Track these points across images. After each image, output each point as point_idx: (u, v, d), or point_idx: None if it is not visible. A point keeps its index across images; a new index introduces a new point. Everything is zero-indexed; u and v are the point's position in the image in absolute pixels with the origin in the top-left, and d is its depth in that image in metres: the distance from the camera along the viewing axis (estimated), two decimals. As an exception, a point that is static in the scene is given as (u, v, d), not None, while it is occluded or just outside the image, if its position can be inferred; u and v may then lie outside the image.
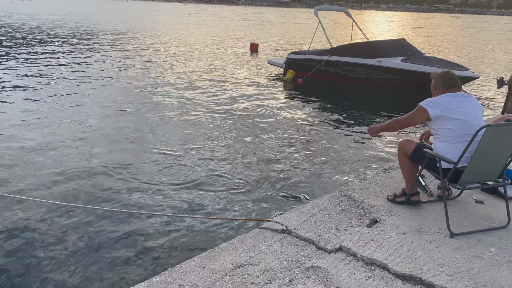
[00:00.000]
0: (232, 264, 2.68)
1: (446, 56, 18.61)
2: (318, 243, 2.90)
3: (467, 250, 2.83)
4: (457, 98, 3.15)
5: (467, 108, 3.11)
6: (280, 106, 9.92)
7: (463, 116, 3.06)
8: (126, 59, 15.90)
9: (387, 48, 12.00)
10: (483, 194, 3.72)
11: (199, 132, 7.52)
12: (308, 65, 12.86)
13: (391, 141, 7.59)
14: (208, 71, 14.16)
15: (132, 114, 8.43)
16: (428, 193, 3.69)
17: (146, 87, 11.09)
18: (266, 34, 31.35)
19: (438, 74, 3.31)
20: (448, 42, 29.82)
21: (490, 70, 16.69)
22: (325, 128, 8.28)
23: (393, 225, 3.14)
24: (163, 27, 33.64)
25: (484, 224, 3.18)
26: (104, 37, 23.90)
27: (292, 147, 6.96)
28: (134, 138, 7.03)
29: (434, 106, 3.13)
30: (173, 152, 6.44)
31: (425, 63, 11.10)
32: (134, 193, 5.04)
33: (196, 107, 9.36)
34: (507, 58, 20.60)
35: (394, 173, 4.15)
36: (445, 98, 3.16)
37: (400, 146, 3.45)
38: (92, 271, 3.62)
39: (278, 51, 20.77)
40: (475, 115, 3.11)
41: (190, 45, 21.63)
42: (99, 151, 6.36)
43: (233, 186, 5.36)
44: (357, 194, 3.66)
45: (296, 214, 3.33)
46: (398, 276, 2.56)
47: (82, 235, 4.14)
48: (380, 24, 52.26)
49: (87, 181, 5.32)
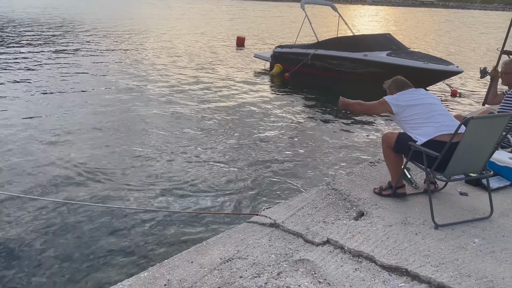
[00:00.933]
0: (221, 258, 2.68)
1: (430, 51, 18.81)
2: (306, 236, 2.92)
3: (451, 241, 2.88)
4: (411, 91, 3.46)
5: (421, 94, 3.40)
6: (267, 101, 9.92)
7: (423, 100, 3.33)
8: (108, 54, 15.62)
9: (373, 42, 12.07)
10: (467, 186, 3.79)
11: (185, 128, 7.47)
12: (294, 59, 12.86)
13: (378, 135, 7.66)
14: (193, 66, 14.05)
15: (116, 111, 8.31)
16: (414, 185, 3.74)
17: (130, 83, 10.92)
18: (252, 27, 31.24)
19: (389, 82, 3.64)
20: (432, 37, 30.14)
21: (473, 64, 16.93)
22: (312, 122, 8.32)
23: (380, 218, 3.18)
24: (145, 20, 33.20)
25: (468, 216, 3.25)
26: (84, 31, 23.48)
27: (279, 142, 6.97)
28: (119, 134, 6.94)
29: (395, 99, 3.39)
30: (159, 148, 6.39)
31: (410, 57, 11.21)
32: (121, 189, 5.00)
33: (182, 102, 9.29)
34: (489, 53, 20.93)
35: (380, 166, 4.20)
36: (402, 93, 3.45)
37: (384, 139, 3.49)
38: (79, 268, 3.58)
39: (264, 44, 20.73)
40: (430, 96, 3.41)
41: (175, 39, 21.41)
42: (84, 148, 6.28)
43: (221, 180, 5.35)
44: (344, 187, 3.69)
45: (284, 207, 3.34)
46: (384, 267, 2.60)
47: (68, 231, 4.09)
48: (366, 19, 52.52)
49: (72, 177, 5.26)
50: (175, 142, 6.68)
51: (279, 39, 23.26)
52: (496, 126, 3.01)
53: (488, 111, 4.47)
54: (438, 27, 42.34)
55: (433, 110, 3.26)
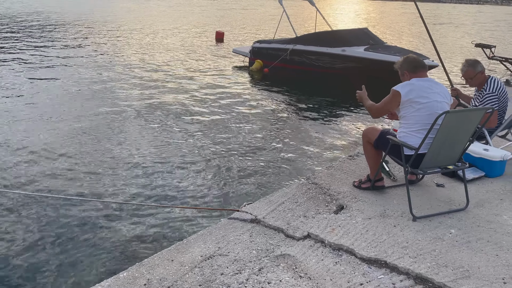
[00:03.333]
0: (201, 255, 2.66)
1: (406, 45, 19.08)
2: (287, 231, 2.92)
3: (428, 232, 2.94)
4: (427, 83, 3.17)
5: (435, 95, 3.14)
6: (246, 96, 9.89)
7: (429, 105, 3.11)
8: (84, 50, 15.30)
9: (351, 37, 12.16)
10: (444, 178, 3.86)
11: (164, 124, 7.39)
12: (273, 54, 12.85)
13: (356, 129, 7.74)
14: (171, 62, 13.88)
15: (94, 109, 8.16)
16: (392, 178, 3.79)
17: (106, 80, 10.70)
18: (231, 22, 31.05)
19: (401, 61, 3.34)
20: (407, 31, 30.58)
21: (448, 58, 17.27)
22: (291, 117, 8.34)
23: (359, 211, 3.21)
24: (121, 15, 32.57)
25: (444, 207, 3.31)
26: (60, 27, 22.91)
27: (259, 137, 6.97)
28: (99, 130, 6.82)
29: (406, 89, 3.14)
30: (138, 144, 6.31)
31: (387, 52, 11.34)
32: (98, 182, 4.92)
33: (160, 98, 9.18)
34: (464, 47, 21.39)
35: (359, 160, 4.24)
36: (416, 82, 3.17)
37: (365, 134, 3.52)
38: (56, 268, 3.50)
39: (244, 39, 20.64)
40: (441, 104, 3.15)
41: (152, 34, 21.10)
42: (60, 142, 6.14)
43: (201, 176, 5.31)
44: (324, 181, 3.72)
45: (264, 203, 3.34)
46: (364, 260, 2.63)
47: (42, 228, 3.99)
48: (343, 13, 52.90)
49: (47, 169, 5.16)
50: (153, 137, 6.60)
51: (257, 34, 23.20)
52: (471, 119, 3.07)
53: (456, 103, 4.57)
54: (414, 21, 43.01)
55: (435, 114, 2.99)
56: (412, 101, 3.13)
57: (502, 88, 4.17)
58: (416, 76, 3.24)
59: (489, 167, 3.86)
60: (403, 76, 3.33)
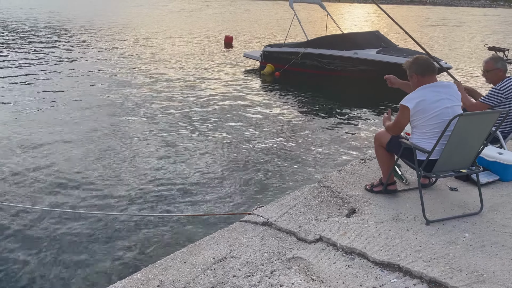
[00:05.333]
0: (214, 258, 2.67)
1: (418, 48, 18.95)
2: (299, 234, 2.92)
3: (442, 236, 2.91)
4: (434, 91, 3.11)
5: (444, 102, 3.08)
6: (258, 100, 9.92)
7: (440, 114, 3.05)
8: (95, 55, 15.51)
9: (362, 40, 12.12)
10: (457, 182, 3.83)
11: (176, 129, 7.44)
12: (284, 57, 12.87)
13: (368, 132, 7.70)
14: (182, 66, 13.98)
15: (104, 113, 8.25)
16: (405, 182, 3.77)
17: (118, 84, 10.84)
18: (240, 26, 31.19)
19: (410, 62, 3.26)
20: (420, 34, 30.37)
21: (462, 60, 17.11)
22: (303, 121, 8.33)
23: (371, 214, 3.19)
24: (132, 20, 32.96)
25: (458, 211, 3.28)
26: (70, 32, 23.27)
27: (271, 141, 6.98)
28: (106, 137, 6.84)
29: (412, 102, 3.10)
30: (149, 151, 6.36)
31: (399, 54, 11.27)
32: (111, 195, 4.92)
33: (172, 103, 9.26)
34: (477, 49, 21.17)
35: (371, 163, 4.22)
36: (421, 93, 3.11)
37: (377, 138, 3.51)
38: (73, 270, 3.56)
39: (253, 43, 20.71)
40: (452, 109, 3.09)
41: (162, 39, 21.30)
42: (71, 153, 6.21)
43: (213, 181, 5.34)
44: (335, 184, 3.71)
45: (276, 206, 3.35)
46: (377, 263, 2.62)
47: (58, 238, 4.05)
48: (354, 17, 52.77)
49: (60, 184, 5.16)
50: (165, 144, 6.64)
51: (269, 38, 23.26)
52: (485, 122, 3.04)
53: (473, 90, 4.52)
54: (427, 24, 42.69)
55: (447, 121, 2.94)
56: (422, 112, 3.08)
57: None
58: (424, 80, 3.17)
59: (503, 171, 3.81)
60: (411, 78, 3.26)
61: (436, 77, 3.23)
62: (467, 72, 14.63)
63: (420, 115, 3.11)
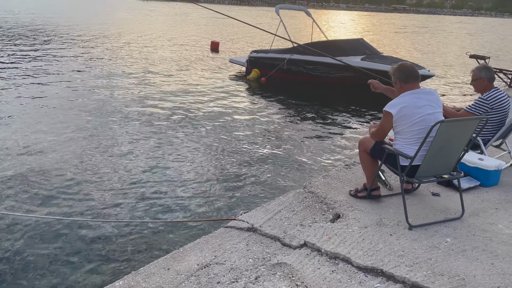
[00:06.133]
0: (198, 264, 2.65)
1: (402, 56, 19.25)
2: (283, 240, 2.92)
3: (424, 241, 2.95)
4: (416, 96, 3.18)
5: (426, 108, 3.14)
6: (243, 105, 9.93)
7: (422, 120, 3.12)
8: (82, 60, 15.34)
9: (347, 47, 12.26)
10: (439, 187, 3.88)
11: (161, 134, 7.39)
12: (270, 63, 12.93)
13: (352, 137, 7.77)
14: (168, 72, 13.92)
15: (85, 118, 8.12)
16: (388, 187, 3.81)
17: (102, 90, 10.70)
18: (227, 32, 31.25)
19: (394, 69, 3.35)
20: (403, 42, 30.87)
21: (444, 68, 17.44)
22: (288, 127, 8.37)
23: (355, 219, 3.22)
24: (118, 25, 32.74)
25: (440, 216, 3.33)
26: (58, 36, 22.99)
27: (256, 146, 6.99)
28: (89, 143, 6.71)
29: (395, 108, 3.16)
30: (133, 157, 6.29)
31: (383, 62, 11.42)
32: (93, 200, 4.85)
33: (157, 108, 9.20)
34: (459, 57, 21.61)
35: (356, 169, 4.26)
36: (404, 99, 3.18)
37: (361, 143, 3.55)
38: (52, 279, 3.48)
39: (239, 49, 20.76)
40: (433, 115, 3.15)
41: (149, 44, 21.19)
42: (52, 159, 6.12)
43: (197, 186, 5.31)
44: (320, 190, 3.73)
45: (261, 211, 3.35)
46: (360, 268, 2.63)
47: (39, 244, 3.97)
48: (340, 24, 53.40)
49: (40, 190, 5.05)
50: (149, 149, 6.58)
51: (255, 43, 23.35)
52: (466, 128, 3.10)
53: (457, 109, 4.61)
54: (409, 32, 43.42)
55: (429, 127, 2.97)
56: (404, 118, 3.14)
57: (502, 102, 4.12)
58: (407, 87, 3.24)
59: (484, 176, 3.88)
60: (395, 84, 3.34)
61: (419, 84, 3.31)
62: (449, 80, 14.91)
63: (403, 121, 3.17)
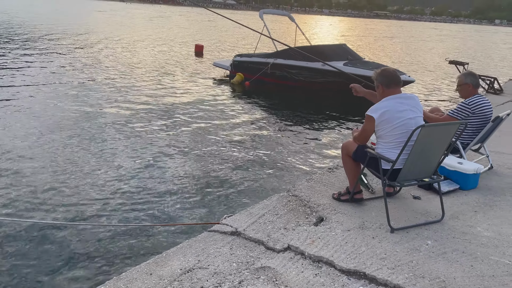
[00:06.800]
0: (181, 269, 2.63)
1: (383, 61, 19.54)
2: (267, 244, 2.93)
3: (406, 243, 2.99)
4: (398, 101, 3.25)
5: (407, 113, 3.22)
6: (227, 109, 9.91)
7: (403, 124, 3.19)
8: (61, 63, 15.03)
9: (330, 52, 12.38)
10: (420, 190, 3.95)
11: (143, 138, 7.32)
12: (254, 67, 12.97)
13: (335, 141, 7.84)
14: (151, 75, 13.81)
15: (67, 124, 7.95)
16: (370, 190, 3.85)
17: (84, 94, 10.52)
18: (211, 35, 31.22)
19: (377, 73, 3.42)
20: (384, 47, 31.36)
21: (424, 74, 17.77)
22: (272, 131, 8.39)
23: (338, 223, 3.24)
24: (99, 27, 32.36)
25: (421, 219, 3.38)
26: (38, 39, 22.57)
27: (240, 150, 6.98)
28: (70, 148, 6.60)
29: (377, 112, 3.23)
30: (115, 160, 6.21)
31: (365, 67, 11.58)
32: (74, 204, 4.76)
33: (140, 112, 9.11)
34: (439, 63, 22.06)
35: (339, 172, 4.30)
36: (386, 104, 3.25)
37: (344, 147, 3.58)
38: (31, 284, 3.40)
39: (223, 53, 20.76)
40: (414, 120, 3.23)
41: (132, 46, 21.00)
42: (32, 162, 6.00)
43: (181, 190, 5.27)
44: (304, 193, 3.74)
45: (245, 215, 3.34)
46: (343, 271, 2.65)
47: (21, 248, 3.88)
48: (322, 29, 53.95)
49: (18, 192, 4.96)
50: (131, 153, 6.51)
51: (239, 47, 23.38)
52: (445, 133, 3.17)
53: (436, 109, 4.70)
54: (390, 37, 44.15)
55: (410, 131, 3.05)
56: (386, 122, 3.21)
57: (484, 108, 4.21)
58: (389, 91, 3.32)
59: (463, 180, 3.97)
60: (377, 88, 3.42)
61: (400, 89, 3.37)
62: (429, 85, 15.20)
63: (385, 125, 3.22)
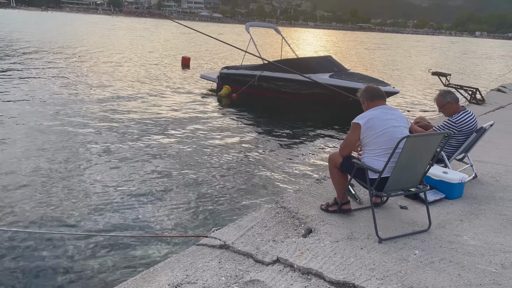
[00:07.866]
0: (169, 284, 2.60)
1: (368, 73, 19.83)
2: (256, 256, 2.91)
3: (394, 254, 3.00)
4: (382, 110, 3.39)
5: (391, 121, 3.34)
6: (214, 121, 9.91)
7: (388, 131, 3.30)
8: (46, 78, 14.86)
9: (316, 64, 12.52)
10: (407, 200, 3.99)
11: (130, 150, 7.26)
12: (241, 80, 13.02)
13: (322, 152, 7.88)
14: (138, 87, 13.75)
15: (53, 135, 7.89)
16: (358, 201, 3.88)
17: (69, 107, 10.44)
18: (198, 48, 31.33)
19: (362, 90, 3.62)
20: (369, 59, 31.86)
21: (408, 85, 18.07)
22: (259, 143, 8.40)
23: (327, 234, 3.25)
24: (86, 41, 32.21)
25: (408, 228, 3.41)
26: (24, 52, 22.37)
27: (227, 162, 6.97)
28: (55, 157, 6.57)
29: (363, 119, 3.34)
30: (101, 171, 6.15)
31: (351, 79, 11.73)
32: (58, 213, 4.70)
33: (127, 124, 9.05)
34: (422, 74, 22.47)
35: (326, 183, 4.32)
36: (371, 113, 3.39)
37: (331, 158, 3.61)
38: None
39: (210, 65, 20.82)
40: (399, 128, 3.35)
41: (117, 61, 20.90)
42: (17, 171, 5.90)
43: (168, 202, 5.23)
44: (292, 205, 3.75)
45: (233, 228, 3.32)
46: (333, 283, 2.65)
47: (4, 259, 3.78)
48: (308, 41, 54.60)
49: (9, 203, 4.89)
50: (118, 165, 6.45)
51: (226, 60, 23.49)
52: (430, 143, 3.22)
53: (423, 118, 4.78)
54: (373, 47, 44.89)
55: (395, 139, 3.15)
56: (372, 129, 3.32)
57: (470, 124, 4.27)
58: (373, 104, 3.48)
59: (448, 189, 4.02)
60: (363, 103, 3.59)
61: (385, 102, 3.50)
62: (413, 96, 15.45)
63: (370, 132, 3.32)
